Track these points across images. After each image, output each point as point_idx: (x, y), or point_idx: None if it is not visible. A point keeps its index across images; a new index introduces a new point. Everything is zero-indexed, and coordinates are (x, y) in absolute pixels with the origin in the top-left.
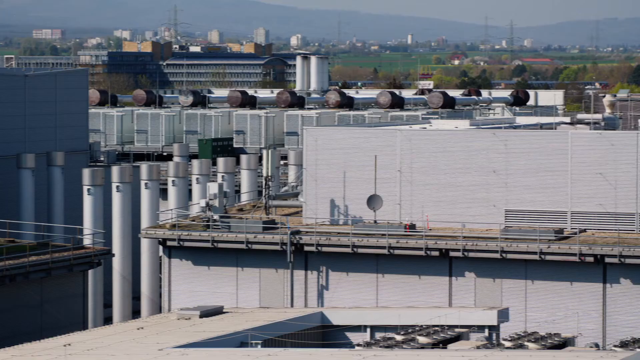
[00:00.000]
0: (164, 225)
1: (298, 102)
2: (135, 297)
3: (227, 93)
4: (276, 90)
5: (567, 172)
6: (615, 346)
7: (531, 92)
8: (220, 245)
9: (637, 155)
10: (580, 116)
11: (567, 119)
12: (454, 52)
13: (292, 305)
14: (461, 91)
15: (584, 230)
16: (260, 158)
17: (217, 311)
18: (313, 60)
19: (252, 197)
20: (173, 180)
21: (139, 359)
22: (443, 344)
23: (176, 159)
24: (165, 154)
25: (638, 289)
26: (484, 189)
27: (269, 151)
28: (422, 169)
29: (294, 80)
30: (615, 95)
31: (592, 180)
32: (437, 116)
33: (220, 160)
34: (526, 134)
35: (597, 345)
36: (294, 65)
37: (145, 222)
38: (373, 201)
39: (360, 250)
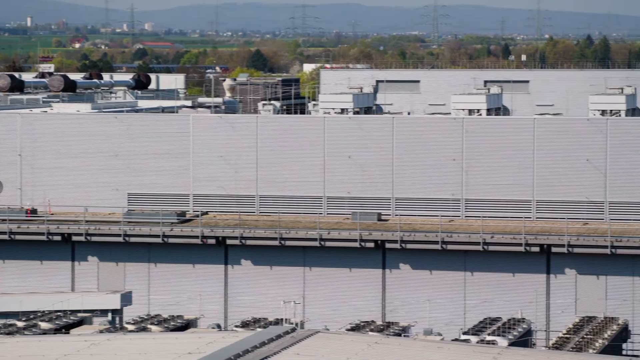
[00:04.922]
0: None
1: None
2: None
3: None
4: None
5: (188, 155)
6: (236, 326)
7: (153, 76)
8: None
9: (257, 138)
10: (201, 100)
11: (189, 103)
12: (74, 35)
13: None
14: (82, 74)
15: (207, 213)
16: None
17: None
18: None
19: None
20: None
21: None
22: (66, 329)
23: None
24: None
25: (258, 270)
26: (106, 173)
27: None
28: (43, 153)
29: None
30: (235, 79)
31: (214, 163)
32: (58, 100)
33: None
34: (148, 117)
35: (219, 326)
36: None
37: None
38: None
39: None
